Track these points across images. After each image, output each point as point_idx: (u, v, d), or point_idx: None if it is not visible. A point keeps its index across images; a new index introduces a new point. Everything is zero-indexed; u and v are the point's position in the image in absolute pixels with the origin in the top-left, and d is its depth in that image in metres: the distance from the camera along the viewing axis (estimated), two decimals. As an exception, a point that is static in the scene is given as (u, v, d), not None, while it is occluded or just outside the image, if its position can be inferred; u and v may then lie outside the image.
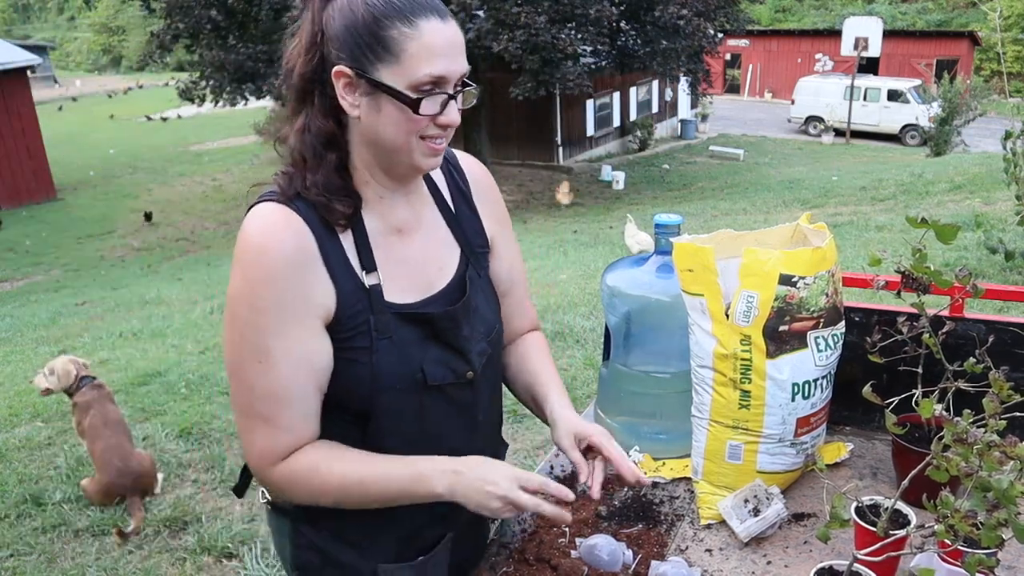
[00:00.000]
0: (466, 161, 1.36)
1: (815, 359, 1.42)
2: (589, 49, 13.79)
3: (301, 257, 1.10)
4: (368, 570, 1.25)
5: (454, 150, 1.34)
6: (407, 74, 1.06)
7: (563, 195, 14.44)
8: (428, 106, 1.08)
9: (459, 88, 1.12)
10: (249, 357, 1.10)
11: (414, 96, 1.07)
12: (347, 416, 1.18)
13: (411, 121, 1.09)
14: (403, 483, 1.13)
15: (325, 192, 1.12)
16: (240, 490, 1.38)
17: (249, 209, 1.14)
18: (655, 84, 22.12)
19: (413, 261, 1.21)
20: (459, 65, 1.09)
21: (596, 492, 1.24)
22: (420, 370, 1.17)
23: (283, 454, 1.14)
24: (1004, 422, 0.93)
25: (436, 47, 1.06)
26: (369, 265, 1.15)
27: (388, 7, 1.06)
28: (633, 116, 21.45)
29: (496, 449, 1.39)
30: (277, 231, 1.10)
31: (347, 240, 1.15)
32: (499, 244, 1.35)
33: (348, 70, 1.08)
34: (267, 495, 1.30)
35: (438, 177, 1.30)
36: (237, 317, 1.11)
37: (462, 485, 1.11)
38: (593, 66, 14.44)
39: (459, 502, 1.12)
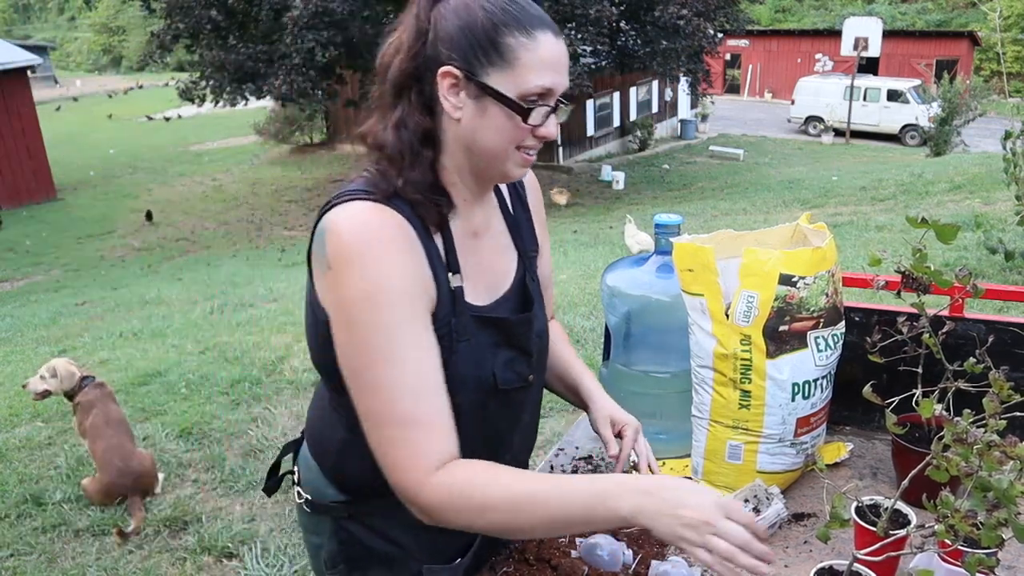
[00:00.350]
0: None
1: (815, 359, 1.42)
2: (589, 49, 13.79)
3: (413, 249, 1.09)
4: (414, 568, 1.25)
5: None
6: (519, 83, 1.07)
7: (559, 196, 14.46)
8: (534, 116, 1.09)
9: (560, 103, 1.13)
10: (380, 360, 1.06)
11: (525, 105, 1.08)
12: None
13: (516, 129, 1.10)
14: (583, 499, 1.01)
15: (422, 190, 1.11)
16: (271, 489, 1.41)
17: (328, 206, 1.10)
18: (655, 84, 22.12)
19: (485, 264, 1.22)
20: (564, 80, 1.11)
21: (618, 469, 1.32)
22: (492, 374, 1.19)
23: (438, 459, 1.06)
24: (1004, 422, 0.93)
25: (548, 60, 1.08)
26: (455, 267, 1.15)
27: (508, 16, 1.07)
28: (633, 116, 21.45)
29: (530, 443, 1.41)
30: (385, 226, 1.08)
31: (437, 240, 1.15)
32: (542, 247, 1.38)
33: (457, 71, 1.07)
34: (304, 493, 1.30)
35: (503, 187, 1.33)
36: (357, 323, 1.06)
37: (651, 507, 0.98)
38: (593, 66, 14.43)
39: (646, 527, 0.98)
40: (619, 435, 1.37)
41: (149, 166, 21.27)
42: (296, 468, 1.34)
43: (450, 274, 1.15)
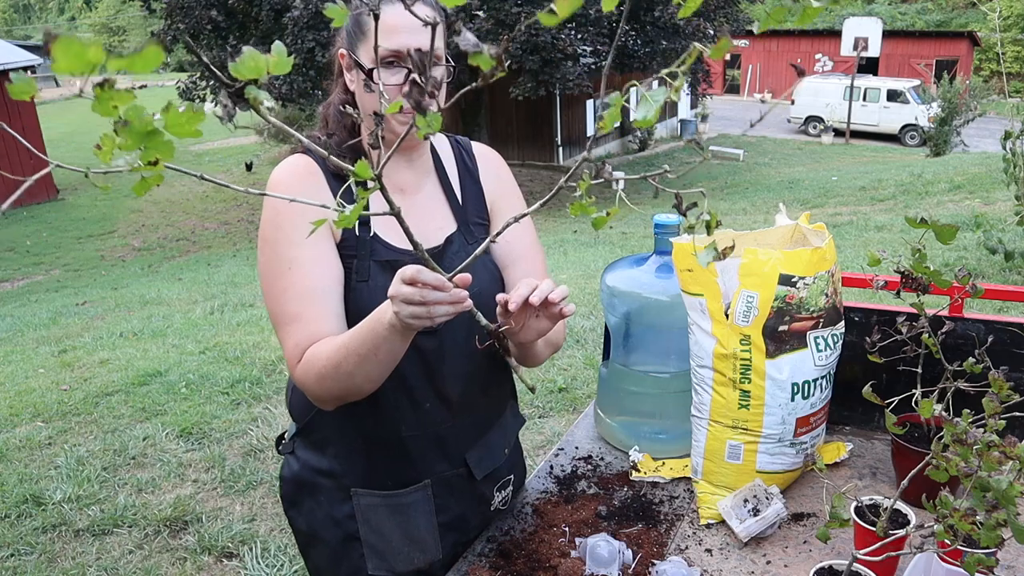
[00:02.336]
0: (478, 146, 1.49)
1: (815, 359, 1.42)
2: (589, 49, 13.79)
3: (313, 179, 1.30)
4: (342, 493, 1.37)
5: (472, 141, 1.50)
6: (370, 49, 1.25)
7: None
8: (387, 78, 1.22)
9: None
10: (280, 268, 1.25)
11: (372, 68, 1.22)
12: None
13: (375, 92, 1.22)
14: (367, 325, 1.17)
15: (339, 147, 1.32)
16: (279, 443, 1.51)
17: None
18: (655, 84, 22.10)
19: (412, 217, 1.30)
20: (419, 41, 1.22)
21: (512, 303, 1.19)
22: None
23: (306, 348, 1.24)
24: (1003, 422, 0.93)
25: (394, 25, 1.21)
26: (363, 217, 1.28)
27: None
28: (633, 116, 21.44)
29: (478, 411, 1.43)
30: (297, 166, 1.31)
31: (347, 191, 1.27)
32: (499, 216, 1.43)
33: (345, 51, 1.30)
34: (285, 438, 1.48)
35: (447, 155, 1.44)
36: (266, 240, 1.27)
37: (392, 304, 1.12)
38: (593, 66, 14.43)
39: (403, 326, 1.12)
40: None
41: (149, 166, 21.22)
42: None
43: (357, 223, 1.26)
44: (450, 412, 1.37)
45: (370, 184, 0.78)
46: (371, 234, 1.30)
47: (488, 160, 1.47)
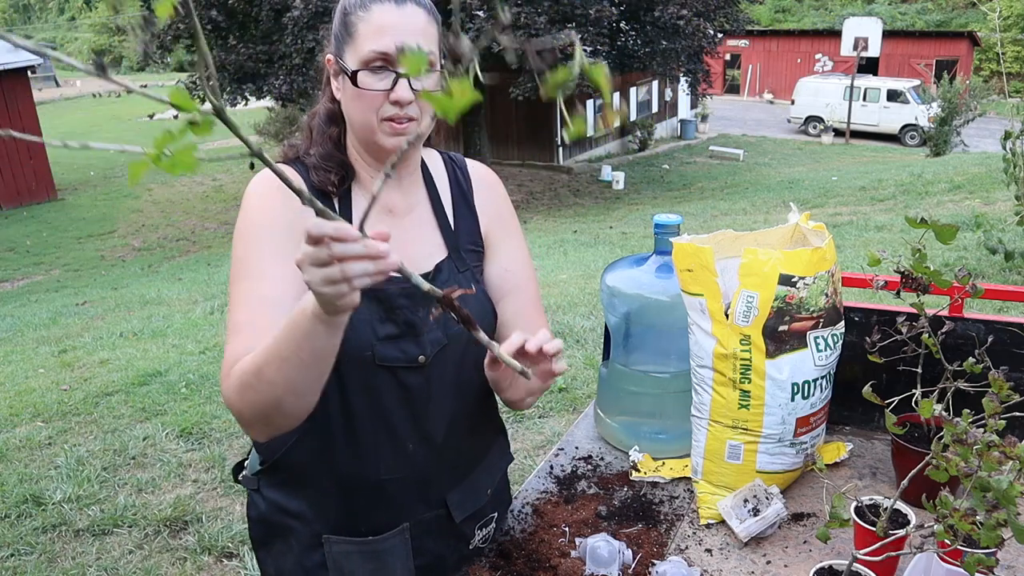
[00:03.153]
0: (473, 166, 1.40)
1: (815, 359, 1.42)
2: (589, 49, 13.78)
3: (288, 192, 1.15)
4: (313, 539, 1.28)
5: (466, 159, 1.41)
6: (359, 53, 1.16)
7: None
8: (371, 80, 1.15)
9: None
10: (236, 280, 1.17)
11: (360, 71, 1.15)
12: None
13: (362, 97, 1.16)
14: (290, 321, 1.01)
15: (321, 159, 1.23)
16: (237, 471, 1.40)
17: None
18: (655, 84, 22.11)
19: (400, 241, 1.23)
20: (410, 44, 1.16)
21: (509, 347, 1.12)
22: (370, 348, 1.19)
23: (243, 355, 1.10)
24: (1003, 422, 0.93)
25: (382, 26, 1.14)
26: None
27: (352, 0, 1.18)
28: (633, 116, 21.45)
29: (462, 452, 1.35)
30: (270, 176, 1.17)
31: (335, 203, 1.23)
32: (495, 246, 1.35)
33: (332, 57, 1.22)
34: (247, 471, 1.37)
35: (439, 175, 1.35)
36: (236, 250, 1.19)
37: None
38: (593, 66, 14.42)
39: (325, 307, 0.94)
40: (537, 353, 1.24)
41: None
42: (252, 451, 1.40)
43: None
44: (434, 453, 1.28)
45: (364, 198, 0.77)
46: None
47: (484, 183, 1.38)
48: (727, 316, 1.40)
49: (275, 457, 1.28)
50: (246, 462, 1.39)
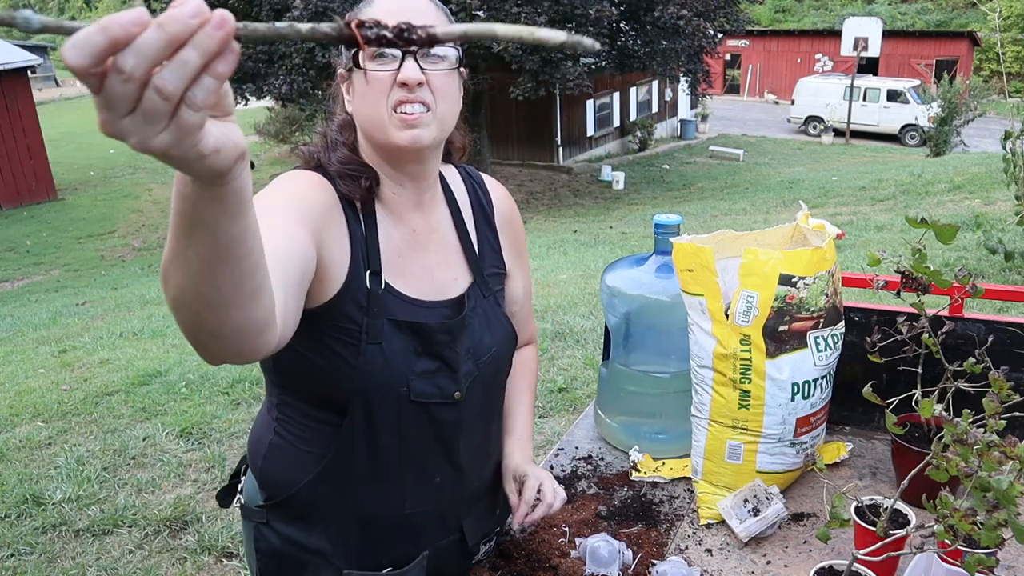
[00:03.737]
0: (492, 184, 1.36)
1: (815, 359, 1.42)
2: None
3: (330, 201, 1.13)
4: (332, 572, 1.22)
5: (482, 174, 1.37)
6: (367, 52, 1.07)
7: None
8: (376, 64, 1.08)
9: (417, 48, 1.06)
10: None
11: (364, 55, 1.07)
12: (326, 412, 1.17)
13: (370, 86, 1.09)
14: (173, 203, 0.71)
15: (342, 164, 1.15)
16: (223, 498, 1.35)
17: None
18: (655, 84, 22.12)
19: (427, 264, 1.20)
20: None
21: (514, 524, 1.30)
22: (406, 384, 1.14)
23: None
24: (1004, 422, 0.93)
25: (383, 9, 1.08)
26: (375, 266, 1.14)
27: (362, 2, 1.13)
28: (633, 116, 21.45)
29: (483, 476, 1.34)
30: (309, 176, 1.14)
31: (357, 230, 1.14)
32: (515, 269, 1.35)
33: (342, 68, 1.15)
34: (241, 498, 1.30)
35: (460, 192, 1.30)
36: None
37: None
38: (593, 66, 14.43)
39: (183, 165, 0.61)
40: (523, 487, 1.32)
41: (150, 166, 21.23)
42: (244, 477, 1.34)
43: (369, 273, 1.13)
44: (458, 482, 1.27)
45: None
46: (383, 286, 1.14)
47: (503, 204, 1.34)
48: (727, 316, 1.40)
49: (288, 494, 1.21)
50: (240, 488, 1.33)
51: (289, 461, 1.21)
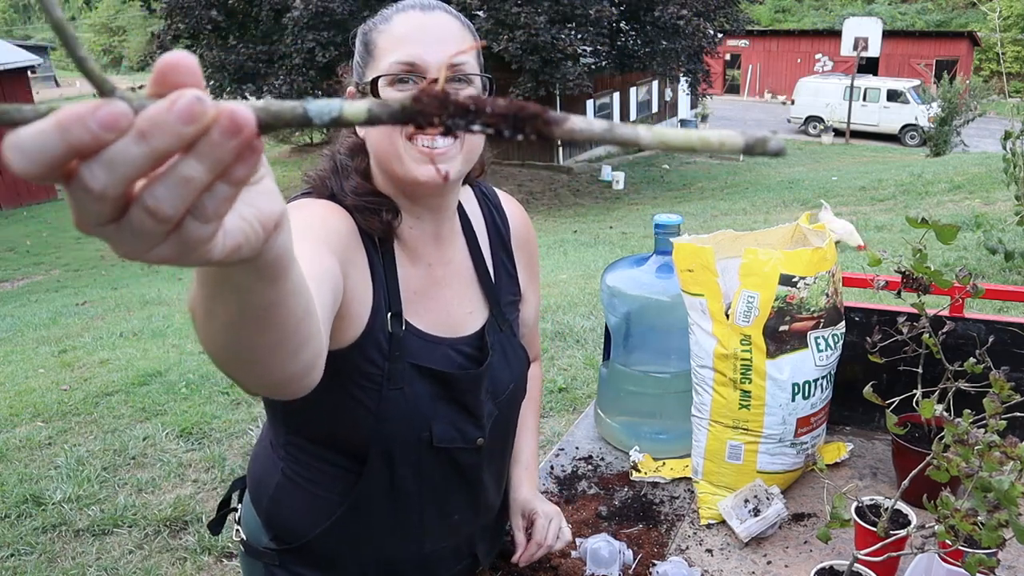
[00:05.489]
0: (507, 202, 1.29)
1: (815, 359, 1.42)
2: (589, 49, 13.79)
3: (352, 230, 1.03)
4: None
5: (496, 190, 1.29)
6: (379, 67, 1.01)
7: None
8: (393, 93, 0.98)
9: (448, 79, 1.00)
10: None
11: (382, 83, 1.00)
12: (343, 457, 1.12)
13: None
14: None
15: (358, 196, 1.05)
16: (216, 527, 1.33)
17: None
18: (655, 84, 22.12)
19: (443, 299, 1.14)
20: (436, 51, 0.99)
21: (522, 559, 1.29)
22: (428, 430, 1.10)
23: None
24: (1004, 422, 0.93)
25: (405, 34, 1.00)
26: (396, 307, 1.07)
27: (373, 20, 1.05)
28: (633, 116, 21.45)
29: (497, 505, 1.32)
30: (324, 202, 1.04)
31: (379, 266, 1.07)
32: (527, 292, 1.30)
33: (352, 89, 1.06)
34: (242, 533, 1.26)
35: (475, 216, 1.22)
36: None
37: None
38: (593, 66, 14.44)
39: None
40: (531, 524, 1.30)
41: (149, 166, 21.26)
42: (239, 506, 1.29)
43: (390, 314, 1.06)
44: (477, 517, 1.25)
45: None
46: (403, 328, 1.07)
47: (518, 225, 1.27)
48: (727, 316, 1.40)
49: (303, 541, 1.16)
50: (237, 519, 1.28)
51: (301, 506, 1.16)
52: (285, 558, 1.18)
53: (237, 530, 1.26)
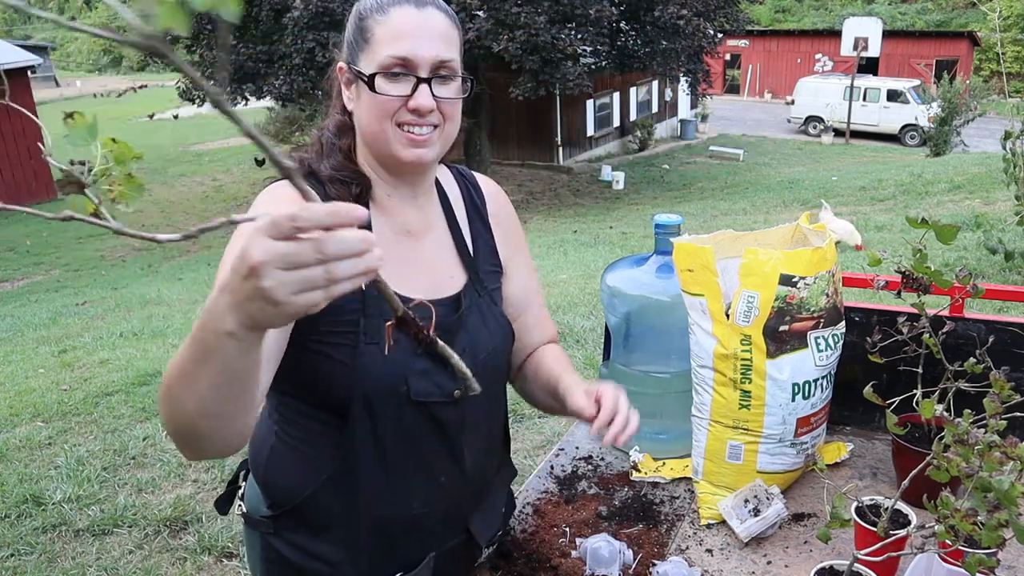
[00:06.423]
0: (484, 181, 1.37)
1: (815, 359, 1.42)
2: (589, 49, 13.79)
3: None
4: None
5: (473, 172, 1.37)
6: (375, 57, 1.10)
7: None
8: (390, 87, 1.09)
9: (435, 75, 1.11)
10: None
11: (377, 77, 1.10)
12: (328, 413, 1.16)
13: (378, 104, 1.10)
14: (194, 333, 0.81)
15: (335, 171, 1.15)
16: (222, 504, 1.35)
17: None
18: (655, 84, 22.12)
19: (423, 262, 1.20)
20: (428, 49, 1.10)
21: (604, 435, 1.14)
22: (405, 383, 1.13)
23: None
24: (1004, 422, 0.93)
25: (401, 30, 1.09)
26: None
27: (367, 5, 1.13)
28: (633, 116, 21.45)
29: (487, 474, 1.33)
30: (285, 192, 1.11)
31: None
32: (512, 267, 1.34)
33: (344, 65, 1.16)
34: (243, 505, 1.29)
35: (452, 192, 1.30)
36: (231, 246, 1.06)
37: (233, 295, 0.75)
38: (593, 66, 14.43)
39: (255, 319, 0.75)
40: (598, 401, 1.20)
41: (149, 166, 21.24)
42: (244, 483, 1.33)
43: None
44: (463, 480, 1.26)
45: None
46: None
47: (496, 201, 1.35)
48: (728, 316, 1.40)
49: (297, 501, 1.20)
50: (240, 496, 1.31)
51: (293, 467, 1.20)
52: (280, 524, 1.23)
53: (240, 505, 1.30)
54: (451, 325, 1.18)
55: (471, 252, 1.27)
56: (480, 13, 12.82)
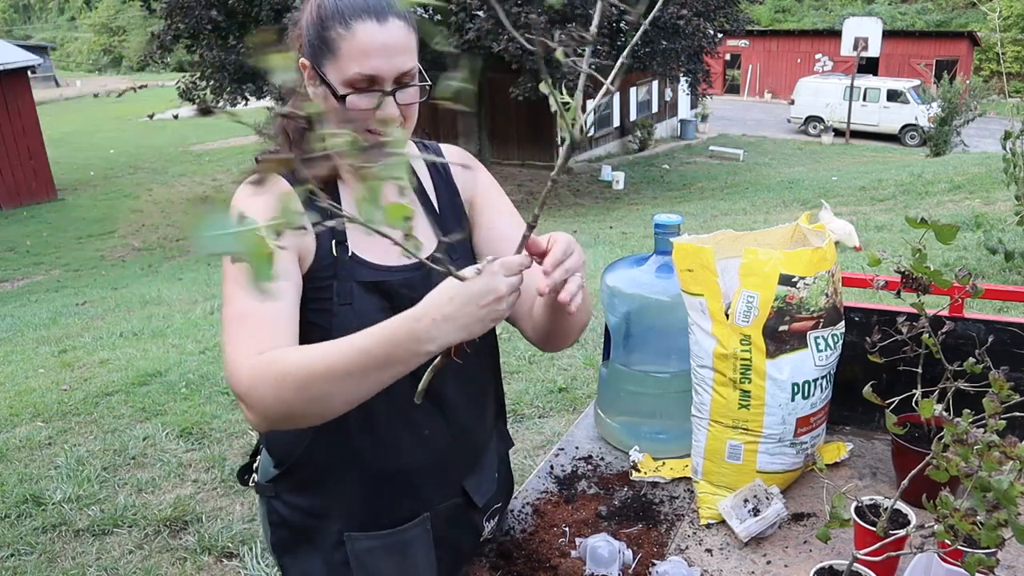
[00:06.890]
0: (448, 148, 1.41)
1: (815, 359, 1.42)
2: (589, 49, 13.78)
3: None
4: (336, 537, 1.27)
5: (441, 145, 1.41)
6: (342, 72, 1.15)
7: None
8: (357, 99, 1.15)
9: (400, 86, 1.17)
10: (230, 278, 1.16)
11: (343, 92, 1.15)
12: None
13: (344, 111, 1.15)
14: (384, 344, 1.03)
15: (309, 156, 1.17)
16: (242, 476, 1.40)
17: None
18: (655, 84, 22.11)
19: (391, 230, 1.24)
20: (394, 64, 1.15)
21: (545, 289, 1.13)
22: None
23: (257, 348, 1.08)
24: (1004, 422, 0.93)
25: (367, 48, 1.14)
26: (339, 236, 1.20)
27: (329, 10, 1.16)
28: (633, 116, 21.44)
29: (477, 437, 1.37)
30: (264, 192, 1.15)
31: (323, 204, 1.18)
32: (479, 214, 1.35)
33: (307, 62, 1.19)
34: (256, 477, 1.36)
35: (416, 160, 1.34)
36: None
37: (452, 313, 1.02)
38: (593, 66, 14.43)
39: (451, 335, 1.03)
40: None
41: (150, 166, 21.27)
42: (260, 456, 1.39)
43: (334, 242, 1.19)
44: (449, 437, 1.30)
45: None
46: (348, 254, 1.20)
47: (460, 160, 1.39)
48: (727, 316, 1.40)
49: (293, 459, 1.27)
50: (255, 466, 1.38)
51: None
52: (281, 486, 1.30)
53: (253, 477, 1.37)
54: (416, 281, 1.22)
55: (438, 213, 1.32)
56: (480, 13, 12.82)
